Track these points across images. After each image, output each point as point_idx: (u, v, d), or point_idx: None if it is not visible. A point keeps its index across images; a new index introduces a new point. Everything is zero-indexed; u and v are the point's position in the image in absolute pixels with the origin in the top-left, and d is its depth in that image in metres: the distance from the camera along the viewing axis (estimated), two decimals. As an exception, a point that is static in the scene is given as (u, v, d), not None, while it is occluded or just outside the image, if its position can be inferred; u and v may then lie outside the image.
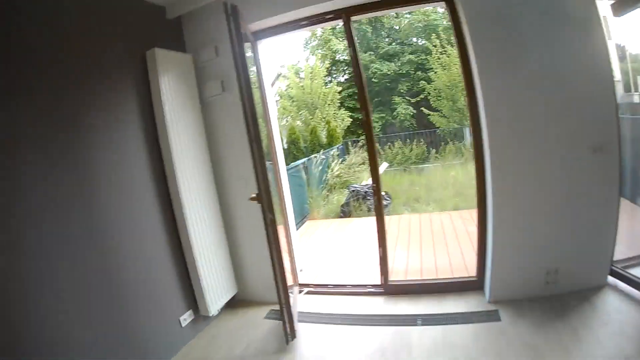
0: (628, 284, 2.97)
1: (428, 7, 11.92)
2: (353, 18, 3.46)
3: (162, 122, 3.10)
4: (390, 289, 3.65)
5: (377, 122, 15.12)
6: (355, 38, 3.46)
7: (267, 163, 3.44)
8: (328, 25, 3.74)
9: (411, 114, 14.94)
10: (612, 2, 2.78)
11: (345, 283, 4.00)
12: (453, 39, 3.30)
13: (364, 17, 4.68)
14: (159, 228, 3.12)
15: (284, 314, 2.94)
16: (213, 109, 3.64)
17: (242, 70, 2.62)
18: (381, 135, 14.30)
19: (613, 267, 3.08)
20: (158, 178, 3.14)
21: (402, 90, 15.20)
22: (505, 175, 3.01)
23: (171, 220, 3.23)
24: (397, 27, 15.78)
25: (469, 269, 3.83)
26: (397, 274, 3.73)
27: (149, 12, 3.32)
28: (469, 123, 3.29)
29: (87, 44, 2.63)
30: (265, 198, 2.74)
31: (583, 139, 2.86)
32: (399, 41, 15.84)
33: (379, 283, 3.71)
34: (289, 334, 3.01)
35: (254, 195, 2.85)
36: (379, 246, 3.64)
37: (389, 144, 12.35)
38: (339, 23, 3.53)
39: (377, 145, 11.83)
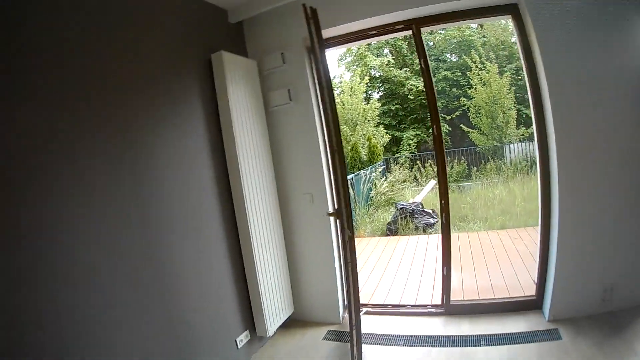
0: None
1: (491, 21, 11.73)
2: (423, 29, 3.36)
3: (230, 132, 3.01)
4: (451, 309, 3.53)
5: (412, 139, 14.91)
6: (426, 49, 3.35)
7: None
8: (397, 35, 3.64)
9: (446, 131, 14.68)
10: None
11: (405, 303, 3.94)
12: (519, 52, 3.19)
13: (434, 28, 4.59)
14: (221, 245, 3.01)
15: (353, 336, 2.77)
16: (278, 119, 3.53)
17: (325, 76, 2.49)
18: (416, 153, 14.08)
19: None
20: (222, 192, 3.05)
21: (438, 107, 14.97)
22: (571, 192, 2.94)
23: (234, 237, 3.13)
24: (432, 43, 15.62)
25: (524, 288, 3.79)
26: (454, 294, 3.61)
27: (212, 15, 3.27)
28: (536, 140, 3.16)
29: (150, 46, 2.56)
30: (345, 214, 2.58)
31: None
32: (433, 57, 15.69)
33: (440, 303, 3.60)
34: (356, 357, 2.82)
35: (331, 210, 2.71)
36: (444, 265, 3.53)
37: (429, 161, 12.10)
38: (408, 33, 3.44)
39: (418, 163, 11.88)
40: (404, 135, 14.71)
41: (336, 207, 2.74)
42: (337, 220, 2.75)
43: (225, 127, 3.02)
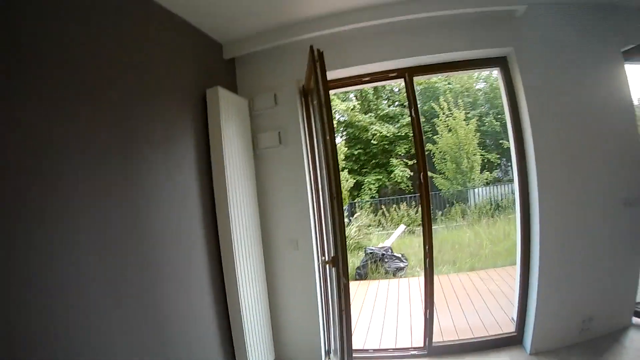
0: None
1: (480, 72, 12.31)
2: (415, 78, 3.44)
3: (221, 171, 2.89)
4: (433, 351, 3.53)
5: (373, 184, 15.06)
6: (418, 100, 3.39)
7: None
8: (390, 82, 3.72)
9: (407, 176, 14.97)
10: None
11: (386, 347, 3.91)
12: (504, 99, 3.42)
13: (425, 77, 4.72)
14: (207, 285, 2.82)
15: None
16: (266, 161, 3.45)
17: (328, 119, 2.43)
18: (377, 198, 14.20)
19: (637, 309, 3.42)
20: (210, 235, 2.88)
21: (400, 153, 15.30)
22: (551, 231, 3.14)
23: (220, 281, 2.95)
24: (397, 89, 16.12)
25: (501, 325, 3.91)
26: (434, 335, 3.60)
27: (209, 48, 3.22)
28: (517, 183, 3.37)
29: (146, 73, 2.43)
30: (342, 263, 2.48)
31: (617, 193, 3.18)
32: (398, 103, 16.17)
33: (422, 345, 3.59)
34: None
35: (324, 258, 2.60)
36: (426, 307, 3.53)
37: (394, 206, 12.22)
38: (401, 82, 3.50)
39: (383, 207, 11.96)
40: (365, 180, 14.84)
41: (332, 255, 2.63)
42: (334, 268, 2.63)
43: (216, 166, 2.90)
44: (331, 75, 3.22)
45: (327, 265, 3.04)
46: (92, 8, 2.02)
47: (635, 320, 3.41)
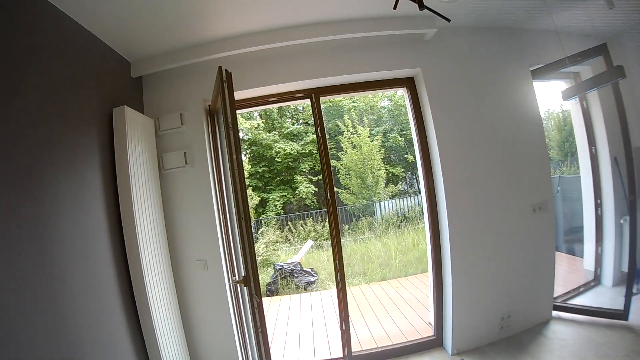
0: (570, 312, 3.78)
1: (387, 92, 12.78)
2: (322, 98, 3.58)
3: (127, 191, 2.76)
4: None
5: (278, 200, 15.12)
6: (324, 118, 3.54)
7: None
8: (297, 103, 3.81)
9: (312, 192, 15.25)
10: (563, 89, 3.42)
11: None
12: (410, 117, 3.70)
13: (331, 97, 4.87)
14: (118, 306, 2.64)
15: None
16: (172, 181, 3.35)
17: (235, 139, 2.46)
18: (282, 214, 14.27)
19: (555, 303, 3.81)
20: (118, 257, 2.71)
21: (304, 169, 15.56)
22: (460, 237, 3.41)
23: (131, 305, 2.78)
24: (301, 108, 16.42)
25: (419, 330, 4.07)
26: (353, 345, 3.70)
27: (117, 66, 3.10)
28: (425, 194, 3.64)
29: (50, 87, 2.27)
30: (254, 281, 2.50)
31: (526, 199, 3.55)
32: (302, 122, 16.47)
33: (341, 356, 3.68)
34: None
35: (235, 278, 2.60)
36: (341, 319, 3.61)
37: (300, 222, 12.34)
38: (307, 102, 3.62)
39: (289, 223, 12.01)
40: (270, 197, 14.86)
41: (243, 274, 2.64)
42: (245, 287, 2.64)
43: (122, 186, 2.76)
44: (238, 95, 3.28)
45: (239, 285, 3.02)
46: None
47: (555, 313, 3.80)
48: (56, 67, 2.34)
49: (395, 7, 2.12)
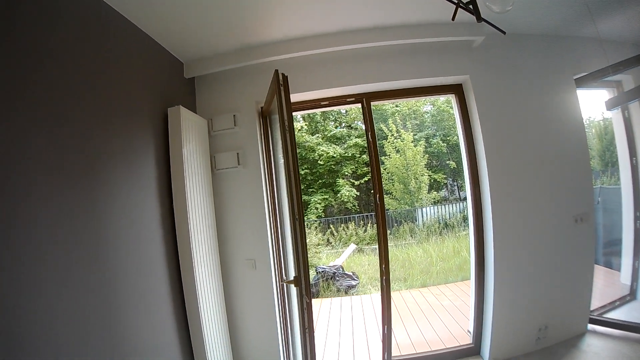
0: (605, 326, 3.65)
1: (436, 97, 12.71)
2: (373, 103, 3.56)
3: (181, 190, 2.83)
4: None
5: (320, 203, 15.16)
6: (374, 123, 3.53)
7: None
8: (347, 107, 3.82)
9: (354, 195, 15.20)
10: (607, 99, 3.38)
11: None
12: (458, 123, 3.65)
13: (382, 102, 4.86)
14: (168, 304, 2.71)
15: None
16: (224, 181, 3.42)
17: (291, 142, 2.48)
18: (323, 217, 14.28)
19: (591, 316, 3.69)
20: (170, 254, 2.78)
21: (346, 173, 15.54)
22: (504, 246, 3.36)
23: (181, 305, 2.85)
24: (344, 111, 16.46)
25: (457, 338, 4.07)
26: (392, 350, 3.67)
27: (171, 66, 3.18)
28: (470, 201, 3.58)
29: (116, 88, 2.37)
30: (304, 282, 2.51)
31: (569, 210, 3.46)
32: (345, 125, 16.48)
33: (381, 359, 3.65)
34: None
35: (285, 278, 2.61)
36: (384, 324, 3.60)
37: (342, 225, 12.34)
38: (358, 106, 3.61)
39: (331, 227, 12.02)
40: (312, 200, 14.92)
41: (294, 274, 2.66)
42: (296, 288, 2.66)
43: (176, 185, 2.84)
44: (291, 98, 3.30)
45: (288, 285, 3.04)
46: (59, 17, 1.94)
47: (590, 326, 3.68)
48: (120, 68, 2.44)
49: (453, 19, 2.10)
